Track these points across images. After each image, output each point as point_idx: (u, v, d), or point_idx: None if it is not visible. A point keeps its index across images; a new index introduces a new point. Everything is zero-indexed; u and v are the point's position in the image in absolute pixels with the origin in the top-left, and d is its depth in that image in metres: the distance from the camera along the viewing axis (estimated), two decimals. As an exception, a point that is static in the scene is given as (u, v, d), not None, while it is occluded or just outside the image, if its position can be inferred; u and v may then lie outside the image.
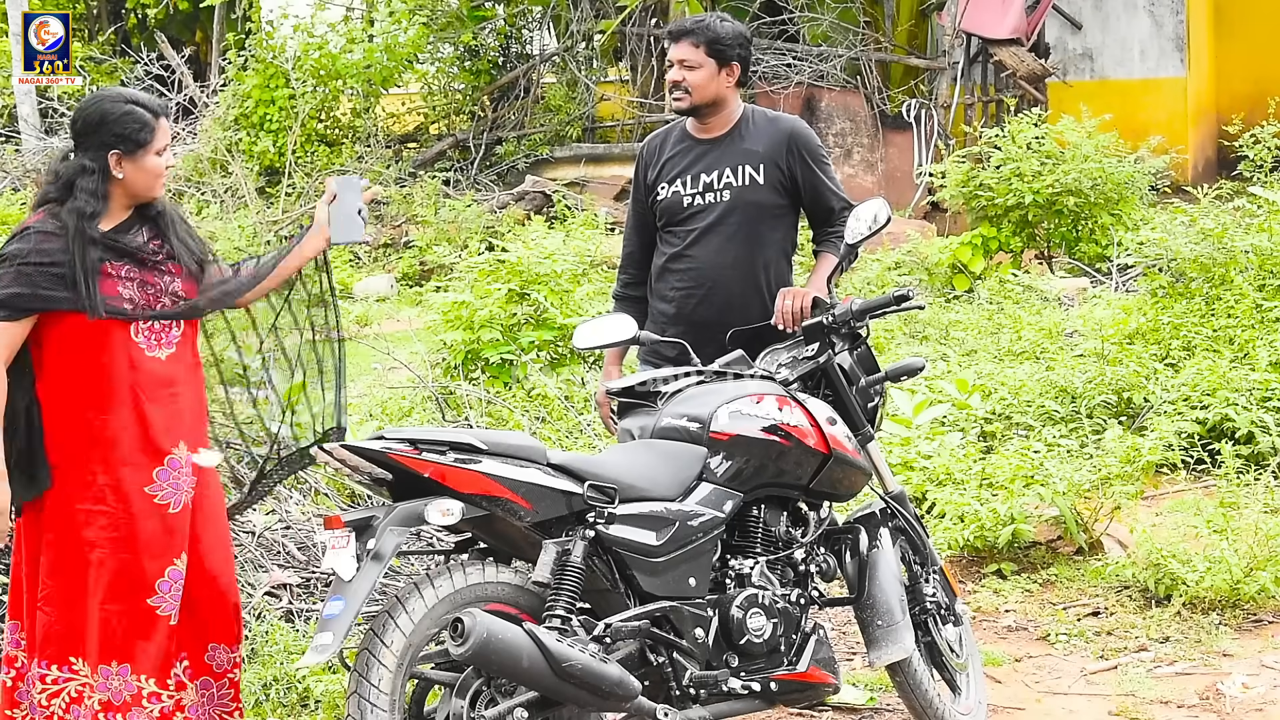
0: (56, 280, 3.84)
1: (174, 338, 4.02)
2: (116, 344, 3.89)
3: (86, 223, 3.86)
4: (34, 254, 3.84)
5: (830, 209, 4.95)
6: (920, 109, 15.26)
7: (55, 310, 3.85)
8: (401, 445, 3.75)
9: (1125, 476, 6.30)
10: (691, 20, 4.93)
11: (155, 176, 3.93)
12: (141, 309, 3.93)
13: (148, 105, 3.93)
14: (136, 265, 3.93)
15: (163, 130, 3.93)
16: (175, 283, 3.99)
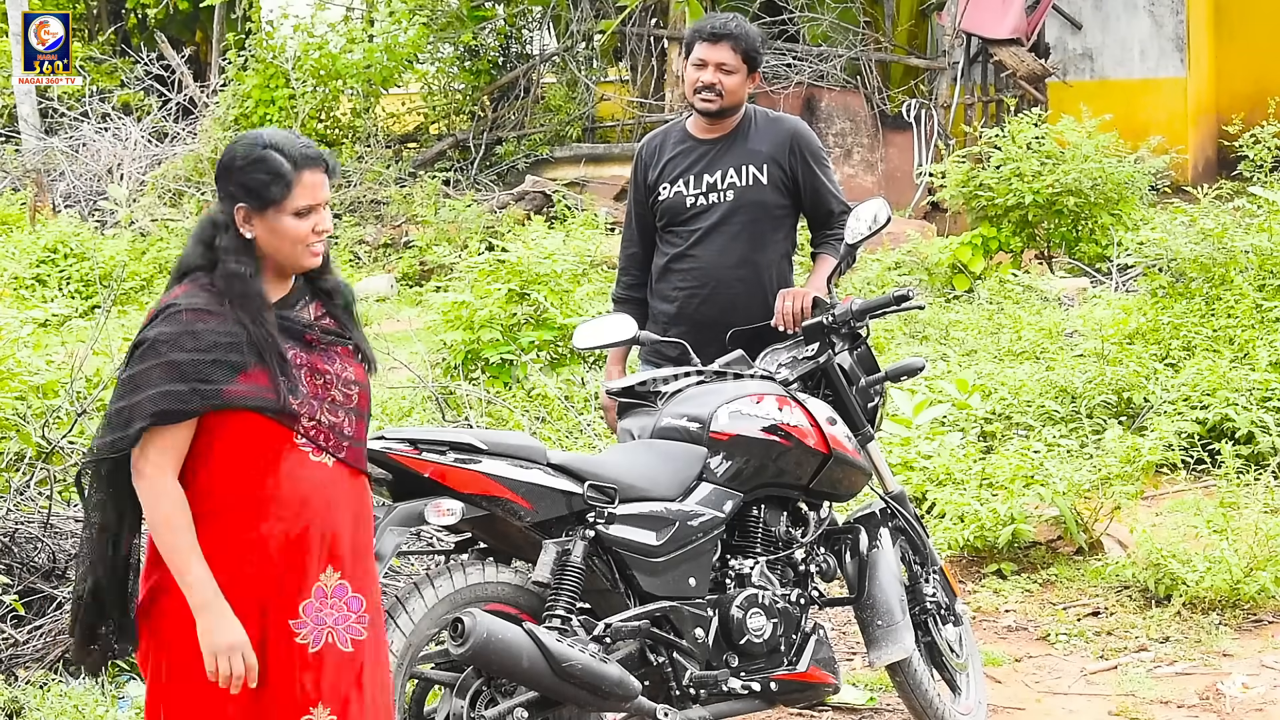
0: (224, 369, 3.07)
1: (346, 440, 3.19)
2: (271, 445, 3.11)
3: (249, 284, 3.11)
4: (187, 338, 3.05)
5: (829, 211, 4.95)
6: (920, 109, 15.26)
7: (224, 410, 3.07)
8: (401, 445, 3.75)
9: (1125, 476, 6.30)
10: (728, 22, 4.87)
11: (294, 243, 3.14)
12: (309, 404, 3.15)
13: (289, 153, 3.13)
14: (304, 348, 3.18)
15: (308, 187, 3.13)
16: (349, 371, 3.23)
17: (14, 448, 6.03)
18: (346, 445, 3.17)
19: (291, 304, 3.20)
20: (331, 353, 3.21)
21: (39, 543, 5.55)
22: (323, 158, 3.16)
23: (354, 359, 3.25)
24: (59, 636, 5.28)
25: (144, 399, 3.02)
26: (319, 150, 3.18)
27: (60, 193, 15.95)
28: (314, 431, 3.14)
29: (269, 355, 3.08)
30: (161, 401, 3.01)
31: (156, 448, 3.04)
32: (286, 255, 3.15)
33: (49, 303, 11.63)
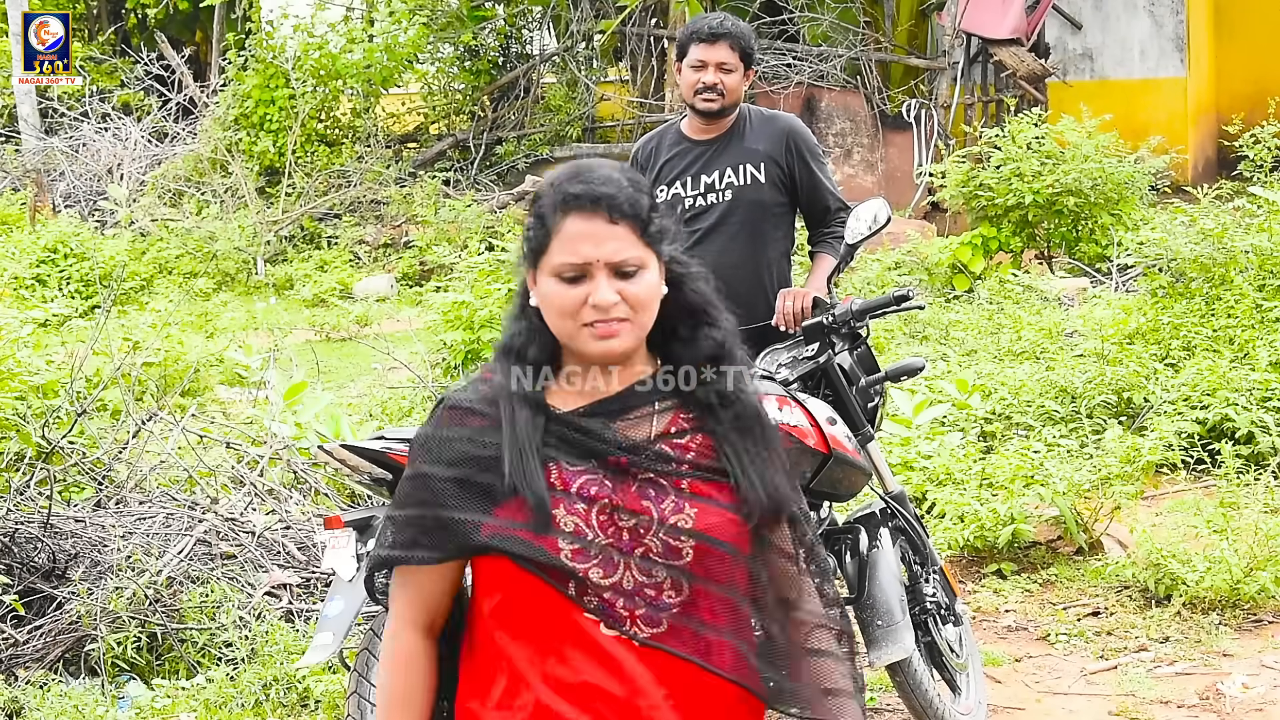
0: (473, 495, 2.23)
1: (664, 612, 2.23)
2: (543, 609, 2.23)
3: (523, 373, 2.28)
4: (438, 446, 2.26)
5: (826, 208, 4.95)
6: (920, 109, 15.26)
7: (475, 553, 2.25)
8: (401, 445, 3.75)
9: (1125, 476, 6.30)
10: (723, 21, 4.87)
11: (560, 316, 2.24)
12: (603, 555, 2.22)
13: (557, 187, 2.26)
14: (610, 474, 2.24)
15: (570, 239, 2.22)
16: (685, 516, 2.23)
17: (14, 448, 6.03)
18: (664, 620, 2.21)
19: (620, 409, 2.28)
20: (665, 485, 2.24)
21: (39, 543, 5.55)
22: (603, 200, 2.18)
23: (713, 499, 2.24)
24: (59, 636, 5.29)
25: (386, 523, 2.30)
26: (605, 189, 2.20)
27: (60, 193, 15.96)
28: (607, 597, 2.21)
29: (517, 477, 2.20)
30: (392, 534, 2.26)
31: (397, 584, 2.30)
32: (560, 333, 2.25)
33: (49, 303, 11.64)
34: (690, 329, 2.30)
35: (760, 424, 2.32)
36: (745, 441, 2.30)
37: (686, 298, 2.30)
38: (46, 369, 6.80)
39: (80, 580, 5.36)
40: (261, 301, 13.18)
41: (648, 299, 2.23)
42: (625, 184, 2.22)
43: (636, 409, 2.29)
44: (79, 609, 5.23)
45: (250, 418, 7.24)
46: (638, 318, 2.22)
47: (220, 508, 6.01)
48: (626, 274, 2.20)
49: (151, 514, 5.94)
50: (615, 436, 2.26)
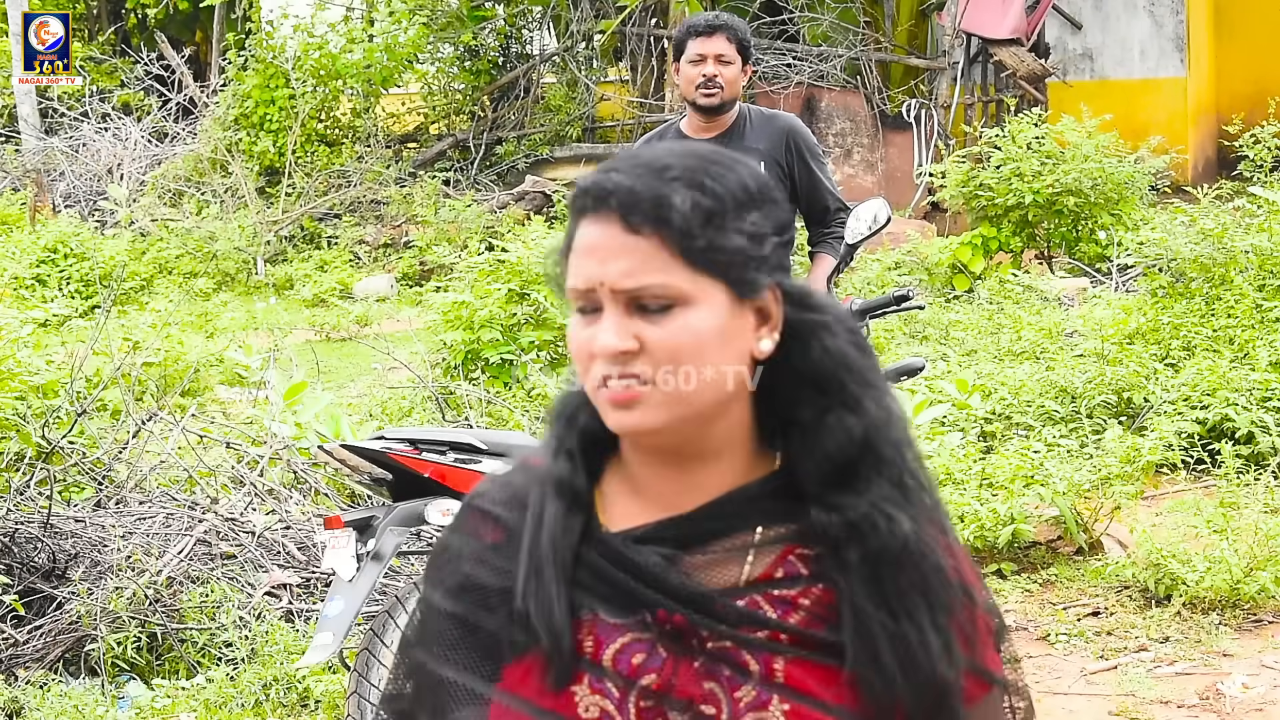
0: (472, 648, 1.60)
1: None
2: None
3: (569, 456, 1.59)
4: (449, 567, 1.65)
5: (826, 207, 4.95)
6: (920, 109, 15.26)
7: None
8: (401, 445, 3.75)
9: (1125, 476, 6.30)
10: (719, 16, 4.90)
11: (578, 359, 1.56)
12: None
13: (581, 187, 1.60)
14: (666, 640, 1.53)
15: (580, 257, 1.54)
16: (776, 700, 1.50)
17: (14, 448, 6.03)
18: None
19: (695, 535, 1.54)
20: (747, 664, 1.51)
21: (39, 543, 5.55)
22: (613, 196, 1.50)
23: (815, 698, 1.50)
24: (59, 636, 5.29)
25: (396, 661, 1.70)
26: (620, 180, 1.51)
27: (60, 193, 15.96)
28: None
29: (529, 608, 1.54)
30: (394, 684, 1.67)
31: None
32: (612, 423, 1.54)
33: (49, 303, 11.63)
34: (816, 412, 1.52)
35: (920, 576, 1.50)
36: (884, 604, 1.49)
37: (811, 362, 1.52)
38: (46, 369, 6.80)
39: (80, 580, 5.36)
40: (261, 301, 13.18)
41: (683, 351, 1.47)
42: (664, 175, 1.50)
43: (723, 537, 1.52)
44: (79, 609, 5.23)
45: (250, 418, 7.24)
46: (670, 381, 1.48)
47: (220, 508, 6.01)
48: (648, 309, 1.48)
49: (151, 514, 5.94)
50: (679, 581, 1.51)
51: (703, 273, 1.49)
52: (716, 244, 1.50)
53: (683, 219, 1.49)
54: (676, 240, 1.49)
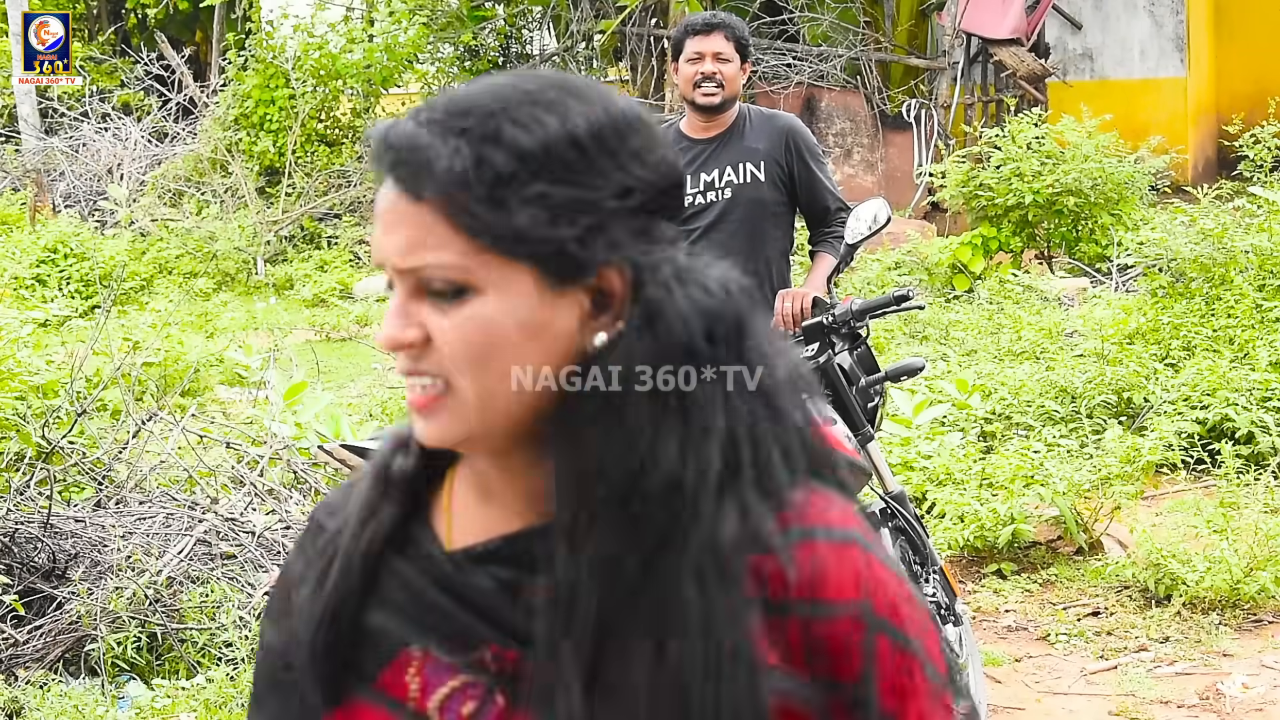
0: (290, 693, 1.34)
1: None
2: None
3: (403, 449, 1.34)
4: (276, 605, 1.39)
5: (826, 208, 4.95)
6: (920, 109, 15.26)
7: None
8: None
9: (1125, 476, 6.30)
10: (716, 15, 4.91)
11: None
12: None
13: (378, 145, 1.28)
14: (499, 681, 1.25)
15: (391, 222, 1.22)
16: None
17: (14, 448, 6.03)
18: None
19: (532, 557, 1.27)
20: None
21: (39, 543, 5.55)
22: (389, 157, 1.22)
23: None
24: (59, 636, 5.29)
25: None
26: (399, 137, 1.21)
27: (60, 193, 15.96)
28: None
29: (298, 653, 1.30)
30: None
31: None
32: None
33: (49, 303, 11.64)
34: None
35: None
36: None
37: (655, 344, 1.19)
38: (46, 369, 6.80)
39: (80, 580, 5.36)
40: (261, 301, 13.18)
41: (473, 349, 1.18)
42: (456, 123, 1.18)
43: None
44: (79, 609, 5.23)
45: (250, 418, 7.24)
46: (464, 383, 1.19)
47: (220, 508, 6.01)
48: (439, 294, 1.19)
49: (151, 514, 5.94)
50: (509, 613, 1.24)
51: (495, 251, 1.17)
52: (509, 216, 1.16)
53: (459, 182, 1.17)
54: (456, 210, 1.17)
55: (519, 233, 1.17)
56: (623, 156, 1.21)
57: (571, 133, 1.19)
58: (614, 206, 1.20)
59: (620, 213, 1.20)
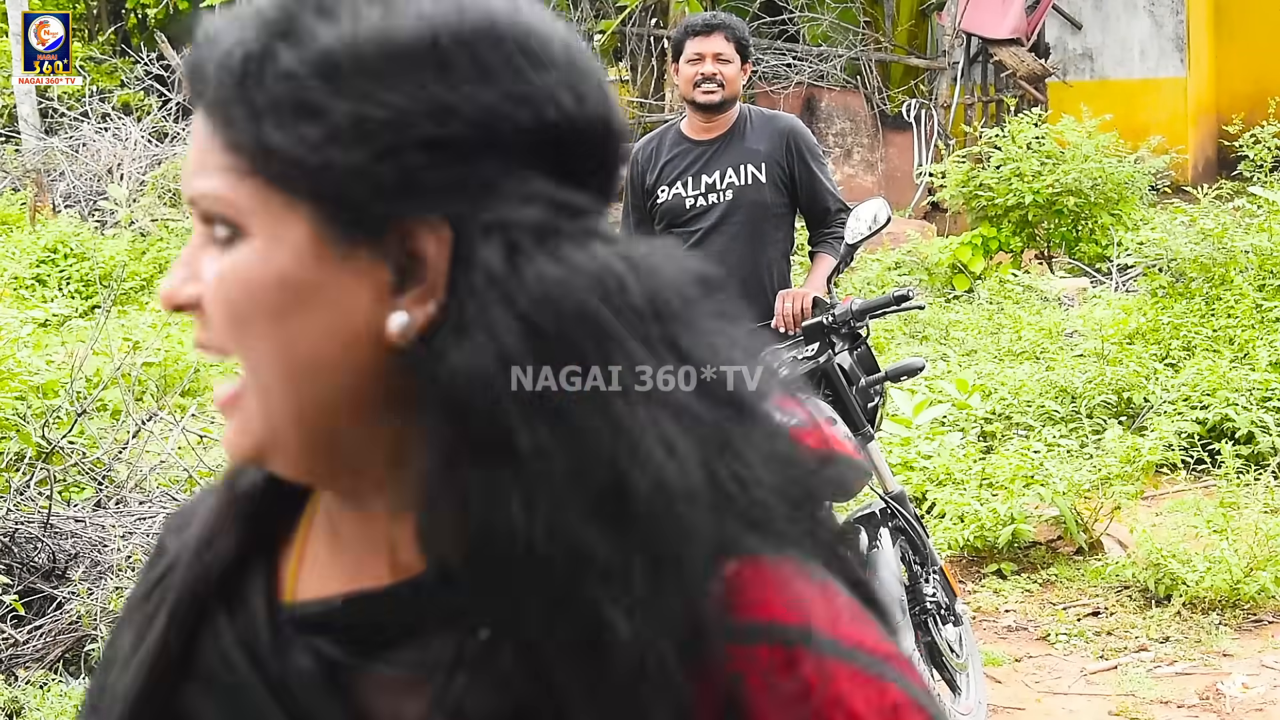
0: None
1: None
2: None
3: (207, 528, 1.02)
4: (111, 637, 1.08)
5: (826, 209, 4.96)
6: (920, 109, 15.26)
7: None
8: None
9: (1125, 476, 6.30)
10: (716, 15, 4.92)
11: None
12: None
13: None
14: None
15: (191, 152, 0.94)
16: None
17: (14, 448, 6.03)
18: None
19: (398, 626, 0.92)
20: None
21: (39, 543, 5.55)
22: (194, 63, 0.94)
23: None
24: (59, 636, 5.29)
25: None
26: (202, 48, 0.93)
27: (60, 193, 15.96)
28: None
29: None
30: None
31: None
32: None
33: (49, 303, 11.64)
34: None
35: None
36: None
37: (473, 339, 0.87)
38: (46, 369, 6.80)
39: (80, 580, 5.36)
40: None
41: (228, 310, 0.91)
42: (256, 19, 0.91)
43: (420, 638, 0.91)
44: (79, 609, 5.23)
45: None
46: (255, 374, 0.91)
47: (220, 508, 6.00)
48: (220, 238, 0.92)
49: (151, 514, 5.94)
50: (334, 709, 0.92)
51: (267, 181, 0.89)
52: (279, 132, 0.88)
53: (233, 84, 0.89)
54: (225, 120, 0.90)
55: (287, 155, 0.87)
56: (471, 73, 0.88)
57: (392, 31, 0.87)
58: (433, 137, 0.86)
59: (451, 151, 0.87)
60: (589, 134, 0.92)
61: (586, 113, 0.91)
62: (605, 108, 0.93)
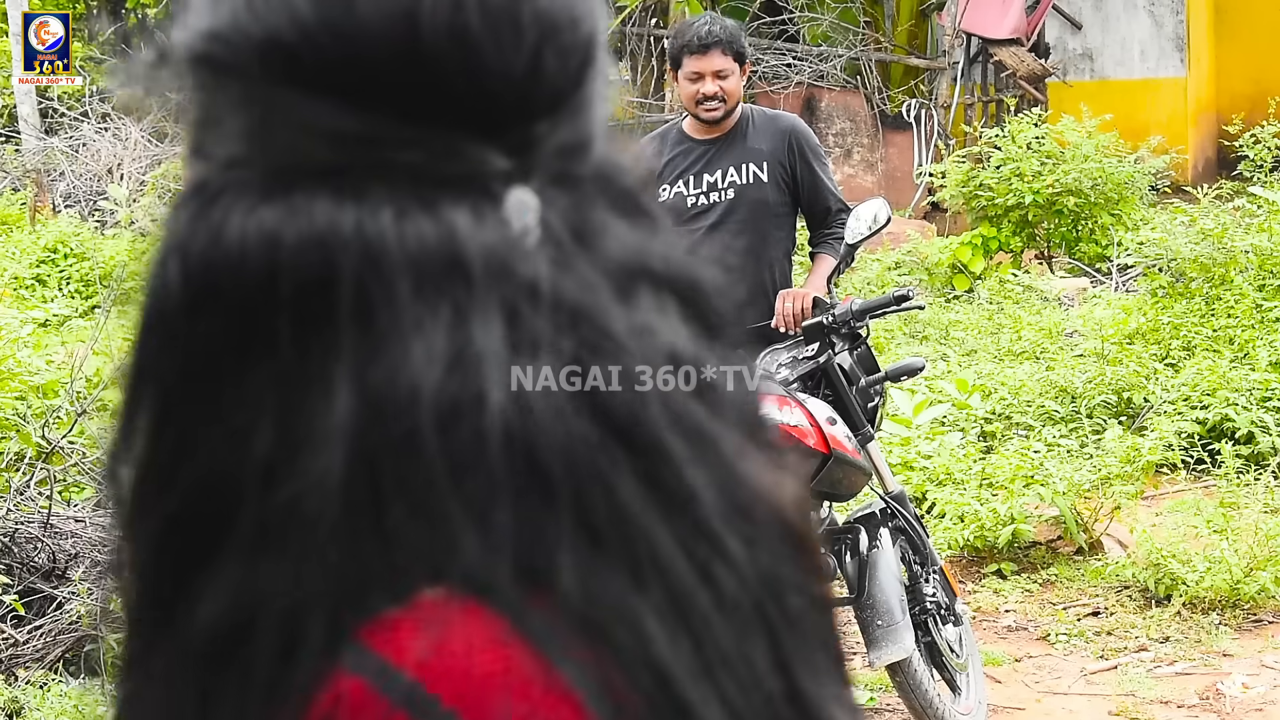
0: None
1: None
2: None
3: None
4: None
5: (827, 209, 4.96)
6: (920, 109, 15.26)
7: None
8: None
9: (1125, 476, 6.30)
10: (710, 28, 4.87)
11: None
12: None
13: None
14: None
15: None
16: None
17: (14, 448, 6.04)
18: None
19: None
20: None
21: (39, 543, 5.55)
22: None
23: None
24: (59, 636, 5.29)
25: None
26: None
27: (60, 193, 15.96)
28: None
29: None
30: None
31: None
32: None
33: (49, 303, 11.64)
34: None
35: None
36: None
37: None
38: (46, 369, 6.80)
39: (80, 580, 5.36)
40: (261, 301, 13.17)
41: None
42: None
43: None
44: (79, 609, 5.23)
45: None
46: None
47: (220, 508, 6.00)
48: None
49: (151, 514, 5.94)
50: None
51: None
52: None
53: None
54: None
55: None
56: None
57: None
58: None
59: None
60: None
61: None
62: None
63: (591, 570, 0.68)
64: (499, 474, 0.68)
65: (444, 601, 0.68)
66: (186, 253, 0.72)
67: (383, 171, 0.70)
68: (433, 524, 0.68)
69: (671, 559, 0.69)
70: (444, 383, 0.68)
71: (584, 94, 0.75)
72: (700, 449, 0.72)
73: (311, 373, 0.69)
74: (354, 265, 0.69)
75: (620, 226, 0.75)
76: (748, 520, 0.73)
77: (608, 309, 0.72)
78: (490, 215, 0.71)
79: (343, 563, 0.68)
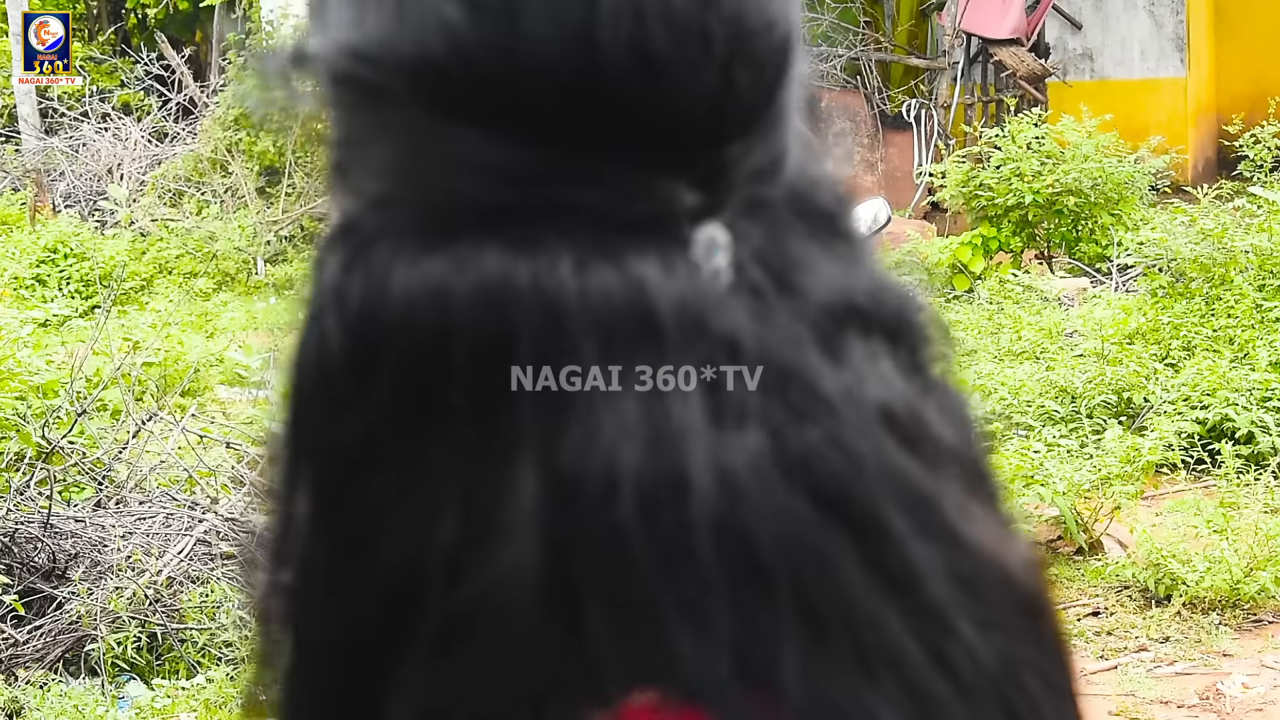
0: None
1: None
2: None
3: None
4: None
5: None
6: (920, 109, 15.26)
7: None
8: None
9: (1125, 476, 6.30)
10: None
11: None
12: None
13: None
14: None
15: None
16: None
17: (14, 448, 6.04)
18: None
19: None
20: None
21: (39, 543, 5.55)
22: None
23: None
24: (59, 636, 5.29)
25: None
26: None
27: (60, 193, 15.96)
28: None
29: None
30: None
31: None
32: None
33: (49, 303, 11.65)
34: None
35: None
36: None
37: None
38: (46, 369, 6.80)
39: (80, 580, 5.36)
40: (261, 301, 13.18)
41: None
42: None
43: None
44: (79, 609, 5.23)
45: (250, 418, 7.24)
46: None
47: (220, 508, 6.01)
48: None
49: (151, 514, 5.94)
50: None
51: None
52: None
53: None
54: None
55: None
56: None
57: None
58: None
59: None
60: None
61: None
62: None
63: (817, 666, 0.61)
64: (711, 564, 0.60)
65: (657, 707, 0.62)
66: (345, 306, 0.63)
67: (555, 214, 0.62)
68: (640, 622, 0.61)
69: (903, 647, 0.62)
70: (643, 464, 0.60)
71: (779, 106, 0.66)
72: (922, 518, 0.65)
73: (492, 448, 0.62)
74: (533, 325, 0.61)
75: (820, 259, 0.67)
76: (976, 595, 0.67)
77: (816, 365, 0.63)
78: (680, 260, 0.62)
79: (541, 664, 0.61)
